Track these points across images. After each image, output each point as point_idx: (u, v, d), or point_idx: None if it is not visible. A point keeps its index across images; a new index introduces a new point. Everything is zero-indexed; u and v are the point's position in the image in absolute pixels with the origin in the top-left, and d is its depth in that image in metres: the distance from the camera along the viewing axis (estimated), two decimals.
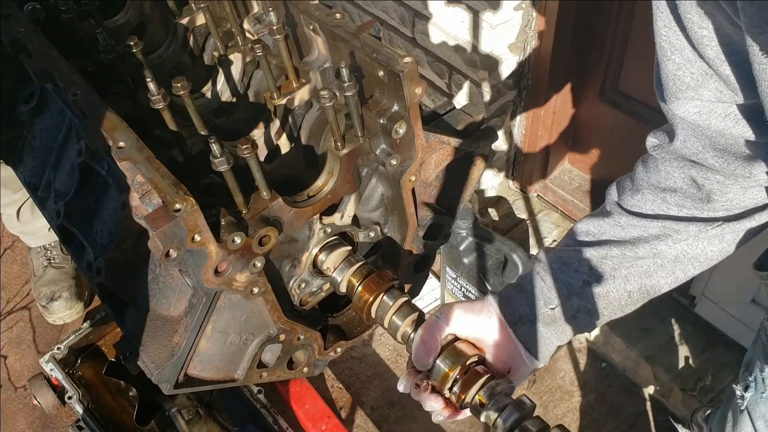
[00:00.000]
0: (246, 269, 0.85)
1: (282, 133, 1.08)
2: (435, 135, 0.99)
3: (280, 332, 0.99)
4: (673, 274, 0.98)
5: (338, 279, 0.98)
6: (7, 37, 1.01)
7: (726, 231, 0.94)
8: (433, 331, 0.90)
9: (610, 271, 0.97)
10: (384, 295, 0.96)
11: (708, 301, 2.22)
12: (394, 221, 1.06)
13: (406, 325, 0.95)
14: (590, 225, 1.00)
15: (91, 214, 0.96)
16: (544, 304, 0.96)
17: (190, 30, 1.18)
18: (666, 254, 0.96)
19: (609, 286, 0.97)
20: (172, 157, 0.98)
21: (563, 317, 0.96)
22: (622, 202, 0.99)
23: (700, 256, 0.96)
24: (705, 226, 0.93)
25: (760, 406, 1.19)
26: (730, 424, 1.32)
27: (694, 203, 0.93)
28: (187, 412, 1.98)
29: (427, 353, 0.89)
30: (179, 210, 0.73)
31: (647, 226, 0.95)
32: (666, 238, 0.94)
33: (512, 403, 0.84)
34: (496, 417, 0.84)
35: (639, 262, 0.96)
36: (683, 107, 0.82)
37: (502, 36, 2.09)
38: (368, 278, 0.96)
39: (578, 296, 0.96)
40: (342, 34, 0.92)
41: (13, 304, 2.82)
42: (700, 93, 0.80)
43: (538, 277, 0.98)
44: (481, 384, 0.87)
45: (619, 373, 2.41)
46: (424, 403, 0.93)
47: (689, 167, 0.91)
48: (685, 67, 0.79)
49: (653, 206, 0.95)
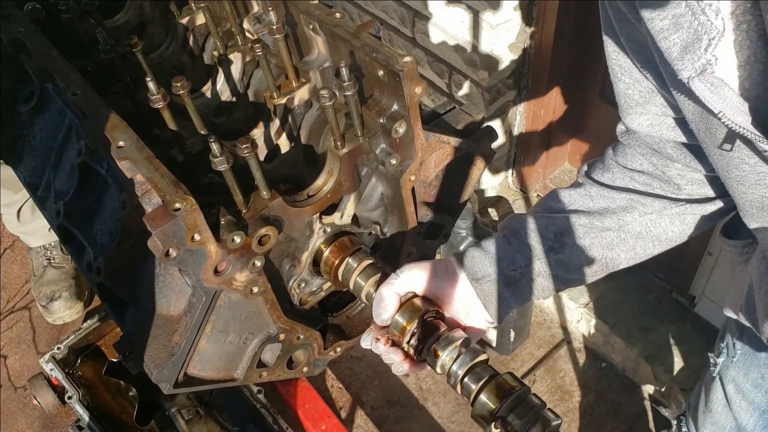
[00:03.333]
0: (246, 269, 0.85)
1: (282, 132, 1.08)
2: (435, 134, 0.99)
3: (279, 332, 0.99)
4: (634, 249, 1.02)
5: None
6: (7, 37, 1.01)
7: (688, 211, 0.99)
8: (392, 288, 0.93)
9: (575, 239, 1.00)
10: (349, 257, 0.99)
11: (708, 301, 2.22)
12: (393, 221, 1.06)
13: (370, 285, 0.98)
14: (561, 194, 1.04)
15: (91, 214, 0.96)
16: (507, 265, 0.98)
17: (190, 30, 1.18)
18: (630, 228, 1.00)
19: (572, 254, 1.00)
20: (172, 156, 0.98)
21: (524, 280, 0.99)
22: (592, 176, 1.04)
23: (661, 235, 1.01)
24: (669, 203, 0.99)
25: (731, 370, 1.24)
26: (703, 392, 1.36)
27: (660, 184, 0.98)
28: (187, 412, 1.98)
29: (386, 309, 0.92)
30: (179, 209, 0.73)
31: (615, 198, 1.00)
32: (632, 210, 0.99)
33: (465, 351, 0.87)
34: (450, 365, 0.87)
35: (603, 233, 1.00)
36: (636, 121, 0.89)
37: (502, 36, 2.09)
38: (335, 243, 1.00)
39: (541, 261, 0.99)
40: (342, 33, 0.92)
41: (13, 304, 2.82)
42: (648, 108, 0.86)
43: (505, 239, 1.00)
44: (436, 336, 0.90)
45: (619, 373, 2.41)
46: (384, 356, 0.96)
47: (650, 154, 0.96)
48: (633, 87, 0.85)
49: (622, 182, 1.01)
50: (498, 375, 0.86)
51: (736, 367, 1.23)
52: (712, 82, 0.69)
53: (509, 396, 0.83)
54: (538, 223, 1.00)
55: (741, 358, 1.21)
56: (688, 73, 0.69)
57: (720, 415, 1.30)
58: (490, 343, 2.44)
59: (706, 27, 0.66)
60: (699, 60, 0.68)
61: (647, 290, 2.39)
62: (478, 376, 0.86)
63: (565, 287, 1.03)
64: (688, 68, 0.69)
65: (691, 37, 0.67)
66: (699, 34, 0.67)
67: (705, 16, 0.66)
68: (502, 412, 0.82)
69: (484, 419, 0.85)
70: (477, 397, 0.85)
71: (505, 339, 2.38)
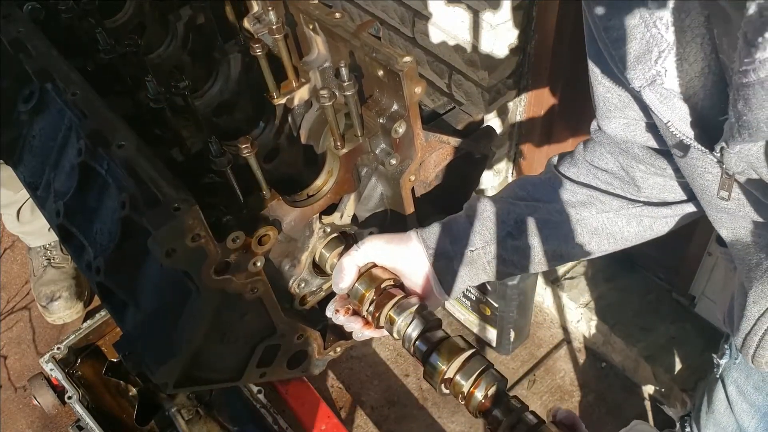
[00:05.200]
0: (246, 269, 0.85)
1: (282, 132, 1.08)
2: (435, 134, 0.99)
3: (279, 332, 0.99)
4: (589, 244, 1.04)
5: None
6: (7, 37, 1.01)
7: (644, 213, 1.02)
8: (352, 259, 0.96)
9: (533, 228, 1.02)
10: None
11: (708, 301, 2.22)
12: (393, 220, 1.06)
13: (333, 256, 1.01)
14: (526, 182, 1.07)
15: (91, 213, 0.96)
16: (465, 245, 1.01)
17: (190, 30, 1.18)
18: (587, 223, 1.03)
19: (528, 241, 1.03)
20: (172, 156, 0.98)
21: (480, 261, 1.02)
22: (559, 168, 1.07)
23: (617, 233, 1.03)
24: (627, 204, 1.02)
25: (733, 371, 1.25)
26: (706, 393, 1.38)
27: (621, 184, 1.01)
28: (187, 412, 1.98)
29: (344, 278, 0.96)
30: (179, 209, 0.73)
31: (576, 192, 1.03)
32: (590, 206, 1.02)
33: (419, 316, 0.92)
34: (405, 330, 0.92)
35: (561, 225, 1.03)
36: (613, 124, 0.91)
37: (502, 36, 2.09)
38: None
39: (498, 245, 1.01)
40: (341, 33, 0.92)
41: (13, 304, 2.82)
42: (626, 113, 0.88)
43: (467, 219, 1.03)
44: (393, 303, 0.94)
45: (619, 373, 2.41)
46: (345, 325, 1.00)
47: (618, 153, 0.99)
48: (613, 90, 0.86)
49: (586, 179, 1.03)
50: (448, 337, 0.90)
51: (738, 369, 1.23)
52: (662, 93, 0.72)
53: (456, 357, 0.87)
54: (500, 207, 1.03)
55: (743, 360, 1.22)
56: (639, 82, 0.73)
57: (722, 416, 1.30)
58: (490, 343, 2.44)
59: (657, 39, 0.69)
60: (649, 71, 0.71)
61: (647, 290, 2.39)
62: (429, 339, 0.90)
63: (520, 272, 1.06)
64: (639, 78, 0.73)
65: (643, 48, 0.71)
66: (650, 45, 0.70)
67: (656, 29, 0.69)
68: (449, 373, 0.87)
69: (434, 380, 0.89)
70: (428, 359, 0.89)
71: (505, 339, 2.38)
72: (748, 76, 0.58)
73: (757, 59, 0.56)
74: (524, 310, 2.33)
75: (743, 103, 0.62)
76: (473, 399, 0.85)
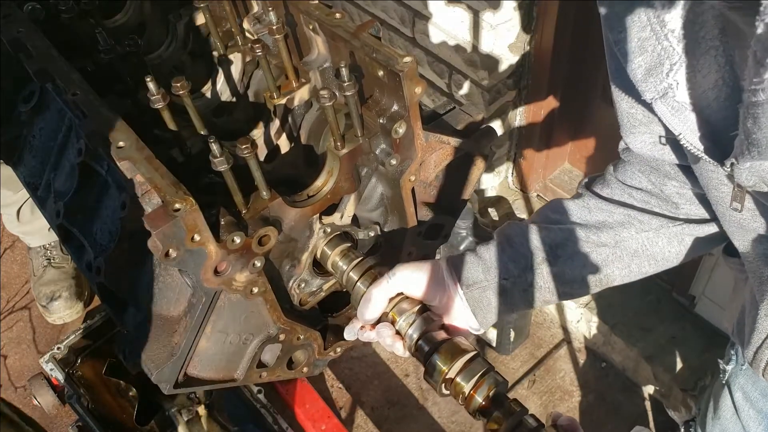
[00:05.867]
0: (246, 269, 0.85)
1: (282, 132, 1.08)
2: (435, 135, 0.99)
3: (279, 332, 0.99)
4: (629, 267, 1.01)
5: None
6: (7, 37, 1.01)
7: (686, 232, 0.99)
8: (382, 291, 0.94)
9: (570, 253, 0.99)
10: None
11: (708, 301, 2.22)
12: (393, 221, 1.06)
13: (335, 255, 0.99)
14: (560, 205, 1.04)
15: (91, 214, 0.96)
16: (499, 274, 0.99)
17: (190, 30, 1.18)
18: (626, 245, 0.99)
19: (566, 267, 1.00)
20: (172, 156, 0.98)
21: (515, 289, 0.99)
22: (592, 188, 1.04)
23: (658, 254, 1.01)
24: (667, 222, 0.98)
25: (740, 377, 1.23)
26: (712, 399, 1.36)
27: (658, 202, 0.98)
28: (187, 412, 1.98)
29: (373, 310, 0.94)
30: (179, 210, 0.73)
31: (613, 212, 0.99)
32: (629, 226, 0.99)
33: (421, 317, 0.93)
34: (406, 329, 0.93)
35: (599, 249, 1.00)
36: (638, 140, 0.88)
37: (502, 36, 2.09)
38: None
39: (534, 272, 0.99)
40: (342, 33, 0.92)
41: (13, 304, 2.82)
42: (651, 128, 0.85)
43: (499, 247, 1.00)
44: (393, 304, 0.95)
45: (619, 373, 2.41)
46: (377, 339, 0.97)
47: (649, 172, 0.96)
48: (637, 106, 0.84)
49: (621, 198, 1.00)
50: (450, 338, 0.90)
51: (745, 375, 1.21)
52: (673, 106, 0.72)
53: (458, 358, 0.87)
54: (534, 233, 1.00)
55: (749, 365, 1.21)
56: (651, 95, 0.72)
57: (728, 422, 1.29)
58: (490, 343, 2.44)
59: (668, 52, 0.69)
60: (661, 83, 0.71)
61: (647, 290, 2.39)
62: (431, 339, 0.90)
63: (557, 300, 1.02)
64: (651, 90, 0.72)
65: (654, 60, 0.70)
66: (662, 58, 0.69)
67: (668, 41, 0.68)
68: (450, 374, 0.87)
69: (434, 380, 0.89)
70: (428, 360, 0.89)
71: (505, 339, 2.38)
72: (758, 96, 0.58)
73: (766, 79, 0.56)
74: (524, 311, 2.33)
75: (752, 122, 0.61)
76: (474, 401, 0.85)
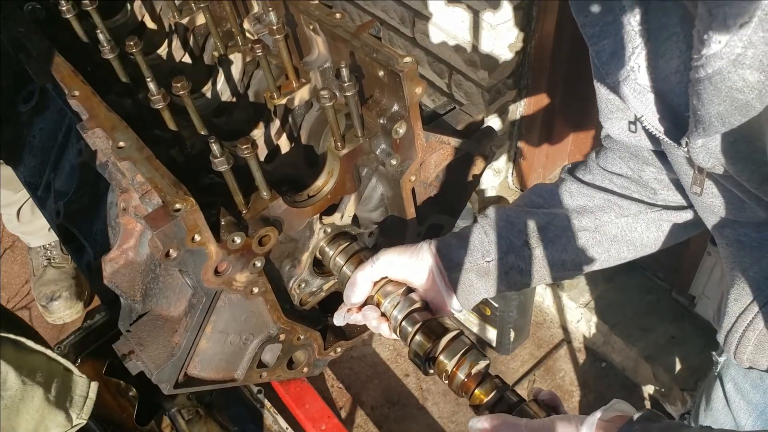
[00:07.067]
0: (246, 269, 0.85)
1: (282, 133, 1.08)
2: (435, 135, 0.99)
3: (280, 332, 0.99)
4: (608, 252, 1.04)
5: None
6: (7, 37, 1.01)
7: (664, 218, 1.01)
8: (366, 274, 0.96)
9: (551, 237, 1.01)
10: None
11: (708, 301, 2.22)
12: (394, 221, 1.06)
13: (335, 254, 1.01)
14: (542, 189, 1.06)
15: (91, 214, 0.96)
16: (481, 256, 1.00)
17: (190, 30, 1.18)
18: (606, 229, 1.02)
19: (547, 251, 1.01)
20: (172, 156, 0.98)
21: (496, 271, 1.01)
22: (574, 174, 1.06)
23: (636, 240, 1.03)
24: (645, 208, 1.01)
25: (731, 369, 1.25)
26: (705, 392, 1.37)
27: (638, 188, 1.00)
28: (187, 412, 1.98)
29: (358, 293, 0.96)
30: (179, 210, 0.73)
31: (593, 197, 1.02)
32: (609, 211, 1.01)
33: (404, 299, 0.94)
34: (391, 311, 0.95)
35: (580, 233, 1.02)
36: (616, 126, 0.90)
37: (502, 36, 2.09)
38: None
39: (515, 255, 1.00)
40: (342, 34, 0.92)
41: (13, 304, 2.82)
42: (628, 114, 0.87)
43: (482, 230, 1.02)
44: (378, 287, 0.97)
45: (619, 373, 2.41)
46: (362, 321, 0.99)
47: (628, 158, 0.98)
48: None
49: (601, 183, 1.03)
50: (433, 319, 0.92)
51: (736, 367, 1.23)
52: (635, 88, 0.74)
53: (441, 337, 0.88)
54: (516, 216, 1.02)
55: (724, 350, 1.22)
56: (614, 77, 0.75)
57: (720, 413, 1.31)
58: (490, 343, 2.44)
59: (630, 36, 0.71)
60: (624, 66, 0.73)
61: (647, 290, 2.39)
62: (414, 319, 0.92)
63: (537, 283, 1.04)
64: (614, 73, 0.75)
65: (617, 44, 0.73)
66: (624, 42, 0.72)
67: (630, 26, 0.71)
68: (434, 352, 0.88)
69: (419, 359, 0.91)
70: (413, 339, 0.91)
71: (505, 339, 2.38)
72: (699, 72, 0.59)
73: (704, 55, 0.57)
74: (524, 310, 2.33)
75: (696, 99, 0.63)
76: (456, 378, 0.87)
